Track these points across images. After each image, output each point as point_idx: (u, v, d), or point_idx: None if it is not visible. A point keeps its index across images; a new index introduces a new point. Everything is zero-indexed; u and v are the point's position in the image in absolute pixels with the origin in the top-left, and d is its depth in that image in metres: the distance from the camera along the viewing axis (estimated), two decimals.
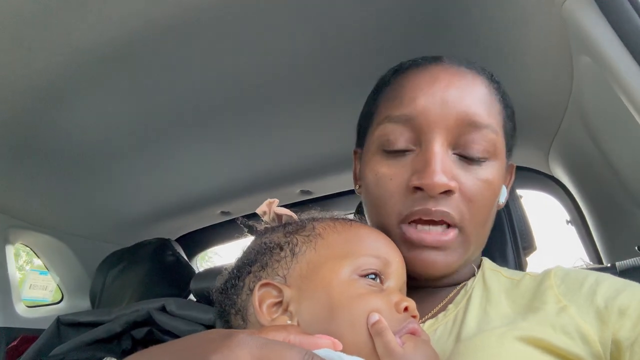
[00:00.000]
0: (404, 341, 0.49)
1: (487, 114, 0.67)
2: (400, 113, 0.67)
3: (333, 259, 0.56)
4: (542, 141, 1.36)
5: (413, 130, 0.66)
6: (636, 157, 0.96)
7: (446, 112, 0.65)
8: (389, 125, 0.68)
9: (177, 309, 0.76)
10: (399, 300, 0.53)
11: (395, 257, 0.60)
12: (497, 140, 0.67)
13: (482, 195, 0.65)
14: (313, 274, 0.55)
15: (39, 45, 0.91)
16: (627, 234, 1.16)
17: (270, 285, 0.55)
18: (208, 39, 0.98)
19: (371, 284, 0.54)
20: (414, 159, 0.65)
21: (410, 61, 0.75)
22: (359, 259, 0.56)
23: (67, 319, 0.78)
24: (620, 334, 0.52)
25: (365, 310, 0.51)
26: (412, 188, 0.63)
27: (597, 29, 0.75)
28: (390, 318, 0.51)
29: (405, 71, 0.73)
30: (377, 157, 0.69)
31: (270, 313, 0.54)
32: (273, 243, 0.60)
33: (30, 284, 1.78)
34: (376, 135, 0.70)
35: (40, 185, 1.45)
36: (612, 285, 0.58)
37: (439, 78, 0.67)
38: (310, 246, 0.58)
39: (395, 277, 0.58)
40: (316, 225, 0.61)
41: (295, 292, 0.54)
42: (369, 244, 0.59)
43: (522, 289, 0.64)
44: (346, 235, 0.60)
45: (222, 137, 1.40)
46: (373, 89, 0.79)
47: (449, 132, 0.65)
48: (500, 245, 0.99)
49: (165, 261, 1.76)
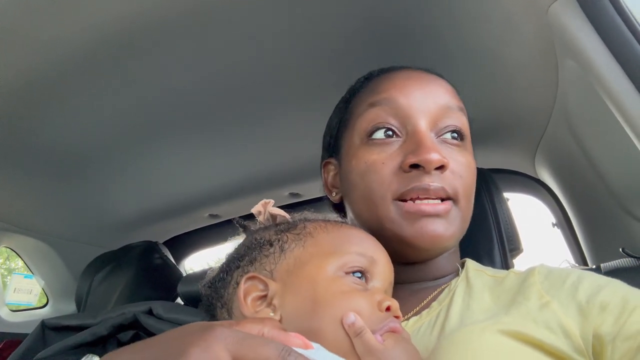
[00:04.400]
0: (384, 339, 0.50)
1: (458, 101, 0.74)
2: (382, 97, 0.72)
3: (320, 256, 0.56)
4: (528, 144, 1.37)
5: (397, 116, 0.70)
6: (621, 160, 0.97)
7: (424, 100, 0.71)
8: (372, 110, 0.72)
9: (164, 312, 0.75)
10: (382, 300, 0.54)
11: (382, 257, 0.60)
12: (467, 127, 0.74)
13: (467, 173, 0.70)
14: (299, 270, 0.55)
15: (24, 44, 0.90)
16: (612, 236, 1.17)
17: (256, 278, 0.55)
18: (198, 40, 0.98)
19: (356, 282, 0.55)
20: (404, 145, 0.69)
21: (378, 70, 0.81)
22: (345, 256, 0.56)
23: (52, 323, 0.77)
24: (601, 329, 0.53)
25: (347, 308, 0.51)
26: (407, 167, 0.66)
27: (582, 34, 0.76)
28: (372, 317, 0.51)
29: (378, 75, 0.78)
30: (364, 148, 0.71)
31: (255, 306, 0.54)
32: (263, 239, 0.61)
33: (15, 287, 1.76)
34: (360, 126, 0.73)
35: (26, 187, 1.43)
36: (594, 281, 0.59)
37: (412, 77, 0.74)
38: (299, 244, 0.59)
39: (381, 278, 0.58)
40: (307, 224, 0.62)
41: (281, 286, 0.55)
42: (356, 243, 0.59)
43: (506, 285, 0.65)
44: (335, 234, 0.60)
45: (210, 140, 1.39)
46: (341, 101, 0.84)
47: (429, 116, 0.70)
48: (487, 246, 1.00)
49: (153, 264, 1.74)
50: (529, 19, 0.88)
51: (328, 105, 0.87)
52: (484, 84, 1.14)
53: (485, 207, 1.05)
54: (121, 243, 1.78)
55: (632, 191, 1.00)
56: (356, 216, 0.75)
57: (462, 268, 0.74)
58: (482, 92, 1.17)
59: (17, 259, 1.80)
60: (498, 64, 1.07)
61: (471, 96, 0.75)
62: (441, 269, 0.73)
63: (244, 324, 0.43)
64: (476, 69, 1.10)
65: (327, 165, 0.84)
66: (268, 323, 0.43)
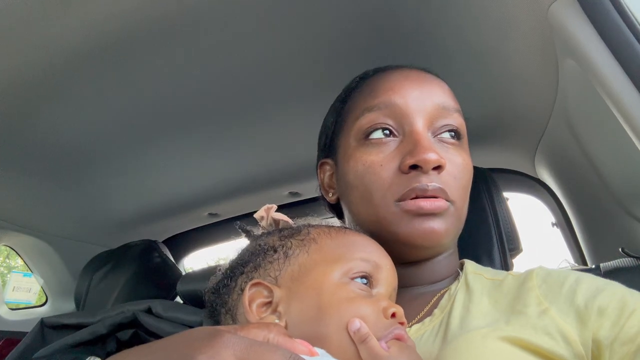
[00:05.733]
0: (389, 346, 0.50)
1: (455, 102, 0.74)
2: (379, 101, 0.71)
3: (325, 263, 0.57)
4: (528, 144, 1.37)
5: (394, 117, 0.70)
6: (620, 160, 0.97)
7: (421, 100, 0.71)
8: (369, 115, 0.72)
9: (163, 311, 0.75)
10: (387, 306, 0.54)
11: (387, 263, 0.60)
12: (464, 127, 0.74)
13: (463, 174, 0.71)
14: (304, 276, 0.56)
15: (21, 42, 0.90)
16: (612, 236, 1.17)
17: (261, 285, 0.56)
18: (197, 40, 0.98)
19: (361, 288, 0.55)
20: (401, 145, 0.69)
21: (374, 69, 0.81)
22: (350, 262, 0.57)
23: (51, 321, 0.77)
24: (599, 333, 0.53)
25: (352, 314, 0.51)
26: (406, 169, 0.66)
27: (582, 33, 0.75)
28: (377, 323, 0.51)
29: (374, 75, 0.78)
30: (361, 149, 0.72)
31: (260, 312, 0.54)
32: (267, 245, 0.61)
33: (14, 286, 1.76)
34: (356, 129, 0.73)
35: (25, 185, 1.43)
36: (592, 284, 0.59)
37: (409, 77, 0.74)
38: (303, 250, 0.59)
39: (386, 283, 0.58)
40: (311, 230, 0.62)
41: (285, 292, 0.55)
42: (360, 249, 0.60)
43: (504, 288, 0.65)
44: (339, 241, 0.61)
45: (210, 139, 1.39)
46: (337, 100, 0.84)
47: (426, 116, 0.70)
48: (486, 246, 1.00)
49: (152, 263, 1.74)
50: (529, 18, 0.88)
51: (328, 105, 0.87)
52: (483, 83, 1.14)
53: (485, 207, 1.05)
54: (120, 242, 1.78)
55: (632, 190, 1.00)
56: (354, 216, 0.75)
57: (461, 270, 0.74)
58: (482, 91, 1.17)
59: (17, 258, 1.80)
60: (498, 63, 1.07)
61: (470, 95, 0.75)
62: (440, 271, 0.73)
63: (249, 329, 0.42)
64: (476, 68, 1.09)
65: (323, 165, 0.84)
66: (273, 329, 0.43)
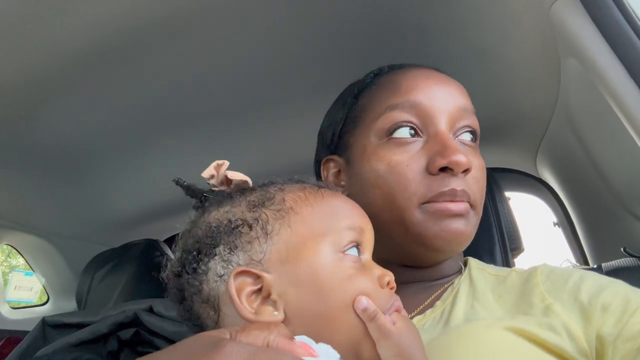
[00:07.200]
0: (394, 320, 0.49)
1: (471, 103, 0.74)
2: (404, 99, 0.70)
3: (312, 238, 0.52)
4: (530, 144, 1.37)
5: (418, 116, 0.69)
6: (622, 159, 0.97)
7: (445, 100, 0.70)
8: (392, 113, 0.70)
9: (164, 310, 0.75)
10: (381, 274, 0.53)
11: (367, 223, 0.58)
12: (479, 129, 0.74)
13: (482, 176, 0.71)
14: (294, 258, 0.51)
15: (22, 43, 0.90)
16: (614, 236, 1.17)
17: (246, 272, 0.50)
18: (197, 39, 0.98)
19: (354, 261, 0.52)
20: (427, 145, 0.68)
21: (388, 66, 0.79)
22: (338, 234, 0.53)
23: (53, 320, 0.77)
24: (603, 329, 0.53)
25: (356, 292, 0.49)
26: (436, 170, 0.65)
27: (584, 32, 0.75)
28: (379, 297, 0.50)
29: (391, 72, 0.76)
30: (384, 148, 0.69)
31: (251, 303, 0.50)
32: (238, 219, 0.53)
33: (15, 285, 1.76)
34: (378, 127, 0.70)
35: (26, 184, 1.43)
36: (596, 282, 0.59)
37: (431, 76, 0.72)
38: (283, 223, 0.53)
39: (369, 246, 0.56)
40: (286, 197, 0.55)
41: (276, 278, 0.50)
42: (345, 215, 0.56)
43: (508, 284, 0.65)
44: (320, 207, 0.55)
45: (210, 138, 1.39)
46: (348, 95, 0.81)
47: (449, 117, 0.69)
48: (488, 246, 1.00)
49: (153, 262, 1.74)
50: (530, 18, 0.88)
51: (328, 105, 0.86)
52: (485, 82, 1.14)
53: (487, 206, 1.05)
54: (122, 241, 1.77)
55: (634, 190, 1.00)
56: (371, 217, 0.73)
57: (464, 267, 0.74)
58: (484, 90, 1.17)
59: (18, 257, 1.80)
60: (500, 62, 1.07)
61: (472, 95, 0.75)
62: (446, 269, 0.73)
63: (249, 331, 0.41)
64: (478, 67, 1.09)
65: (327, 162, 0.81)
66: (274, 330, 0.42)
